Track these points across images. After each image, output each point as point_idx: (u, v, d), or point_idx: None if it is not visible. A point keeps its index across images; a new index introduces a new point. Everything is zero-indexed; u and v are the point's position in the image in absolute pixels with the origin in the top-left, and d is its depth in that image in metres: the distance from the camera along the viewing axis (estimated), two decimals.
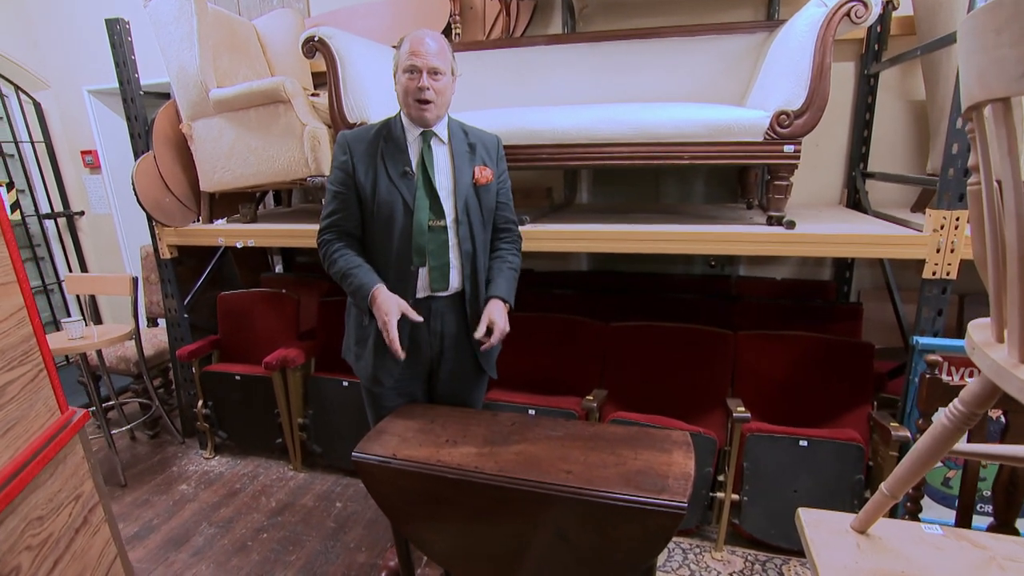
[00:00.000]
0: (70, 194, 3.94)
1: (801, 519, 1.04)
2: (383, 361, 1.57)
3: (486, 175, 1.56)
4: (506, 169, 1.69)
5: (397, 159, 1.51)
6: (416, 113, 1.47)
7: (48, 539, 0.87)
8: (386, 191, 1.49)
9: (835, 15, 1.66)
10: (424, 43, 1.42)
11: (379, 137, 1.53)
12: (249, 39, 2.69)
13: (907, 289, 2.27)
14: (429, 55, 1.42)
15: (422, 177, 1.51)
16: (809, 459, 1.88)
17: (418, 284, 1.53)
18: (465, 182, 1.53)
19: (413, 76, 1.43)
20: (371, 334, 1.57)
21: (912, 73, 2.37)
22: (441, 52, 1.44)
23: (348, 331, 1.67)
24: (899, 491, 0.91)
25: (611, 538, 1.22)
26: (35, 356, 0.90)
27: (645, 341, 2.24)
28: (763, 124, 1.78)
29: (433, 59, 1.42)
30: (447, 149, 1.55)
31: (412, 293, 1.53)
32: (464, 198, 1.53)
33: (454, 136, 1.56)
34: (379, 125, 1.56)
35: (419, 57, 1.41)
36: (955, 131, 1.58)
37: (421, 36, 1.43)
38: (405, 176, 1.50)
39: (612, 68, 2.43)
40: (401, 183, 1.50)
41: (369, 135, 1.54)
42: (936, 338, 1.72)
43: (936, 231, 1.67)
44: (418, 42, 1.42)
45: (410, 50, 1.42)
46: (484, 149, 1.60)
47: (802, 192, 2.54)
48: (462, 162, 1.54)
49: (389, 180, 1.49)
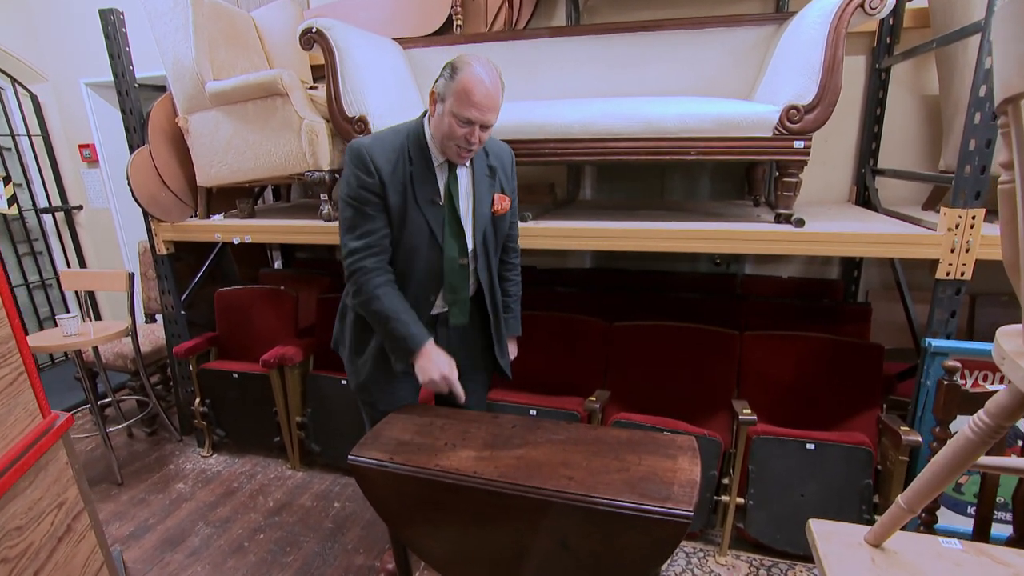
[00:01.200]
0: (68, 188, 3.90)
1: (812, 530, 1.00)
2: (377, 376, 1.54)
3: (504, 205, 1.49)
4: (516, 187, 1.61)
5: (427, 186, 1.40)
6: (454, 158, 1.38)
7: (27, 550, 0.84)
8: (414, 219, 1.40)
9: (848, 6, 1.60)
10: (489, 97, 1.28)
11: (404, 155, 1.39)
12: (247, 31, 2.64)
13: (917, 289, 2.22)
14: (487, 110, 1.29)
15: (449, 210, 1.43)
16: (816, 463, 1.84)
17: (433, 308, 1.52)
18: (484, 212, 1.47)
19: (464, 126, 1.30)
20: (370, 348, 1.53)
21: (925, 67, 2.31)
22: (497, 102, 1.32)
23: (342, 331, 1.61)
24: (918, 505, 0.86)
25: (614, 547, 1.18)
26: (14, 358, 0.86)
27: (649, 341, 2.20)
28: (772, 119, 1.73)
29: (489, 115, 1.30)
30: (469, 174, 1.47)
31: (427, 315, 1.50)
32: (483, 230, 1.47)
33: (476, 158, 1.47)
34: (400, 137, 1.41)
35: (477, 110, 1.28)
36: (973, 126, 1.52)
37: (483, 84, 1.27)
38: (433, 205, 1.41)
39: (617, 61, 2.37)
40: (429, 212, 1.41)
41: (392, 152, 1.38)
42: (949, 340, 1.67)
43: (951, 230, 1.62)
44: (482, 93, 1.27)
45: (467, 98, 1.26)
46: (503, 171, 1.52)
47: (810, 189, 2.48)
48: (482, 188, 1.47)
49: (417, 208, 1.40)
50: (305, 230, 2.29)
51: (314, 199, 3.32)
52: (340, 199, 1.42)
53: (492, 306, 1.57)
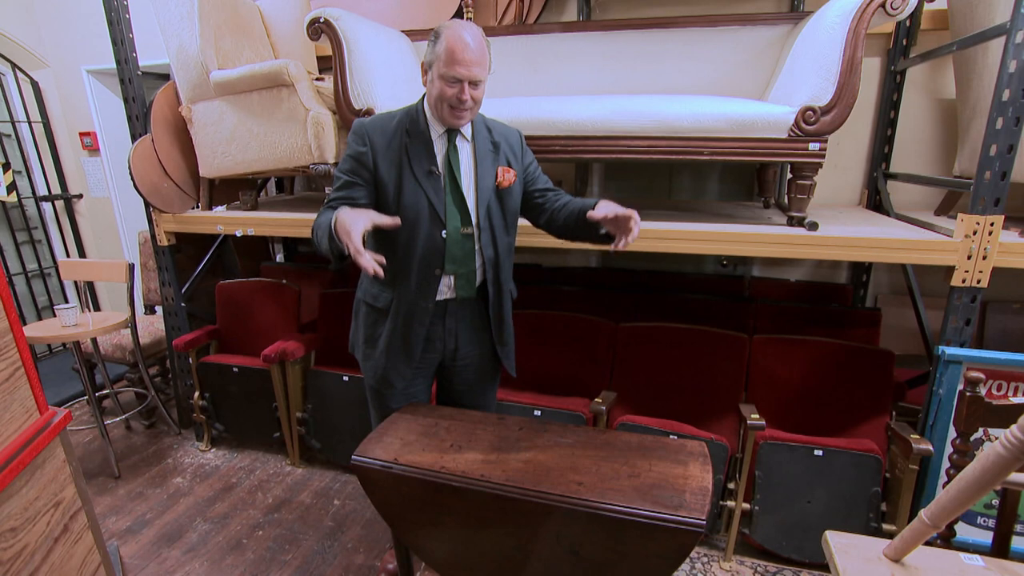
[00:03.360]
0: (68, 176, 3.86)
1: (829, 543, 0.97)
2: (394, 363, 1.51)
3: (508, 177, 1.47)
4: (533, 158, 1.59)
5: (423, 157, 1.41)
6: (450, 120, 1.38)
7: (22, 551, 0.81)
8: (411, 192, 1.40)
9: (869, 6, 1.57)
10: (468, 49, 1.28)
11: (400, 130, 1.42)
12: (253, 20, 2.59)
13: (929, 295, 2.19)
14: (472, 64, 1.29)
15: (449, 180, 1.42)
16: (824, 469, 1.81)
17: (440, 287, 1.47)
18: (487, 185, 1.45)
19: (453, 85, 1.31)
20: (382, 334, 1.51)
21: (941, 70, 2.28)
22: (483, 57, 1.32)
23: (356, 328, 1.60)
24: (942, 521, 0.84)
25: (623, 555, 1.16)
26: (11, 353, 0.83)
27: (656, 342, 2.17)
28: (788, 120, 1.70)
29: (476, 69, 1.30)
30: (471, 147, 1.46)
31: (434, 296, 1.47)
32: (487, 203, 1.45)
33: (478, 133, 1.47)
34: (399, 115, 1.45)
35: (462, 66, 1.29)
36: (994, 131, 1.49)
37: (464, 40, 1.28)
38: (431, 175, 1.41)
39: (628, 58, 2.34)
40: (427, 183, 1.41)
41: (389, 127, 1.43)
42: (964, 348, 1.65)
43: (968, 236, 1.59)
44: (461, 48, 1.28)
45: (451, 56, 1.28)
46: (508, 147, 1.51)
47: (820, 192, 2.43)
48: (485, 163, 1.46)
49: (415, 179, 1.40)
50: (309, 223, 2.24)
51: (319, 192, 3.29)
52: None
53: (495, 279, 1.52)
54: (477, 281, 1.51)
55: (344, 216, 1.21)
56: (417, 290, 1.45)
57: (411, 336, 1.49)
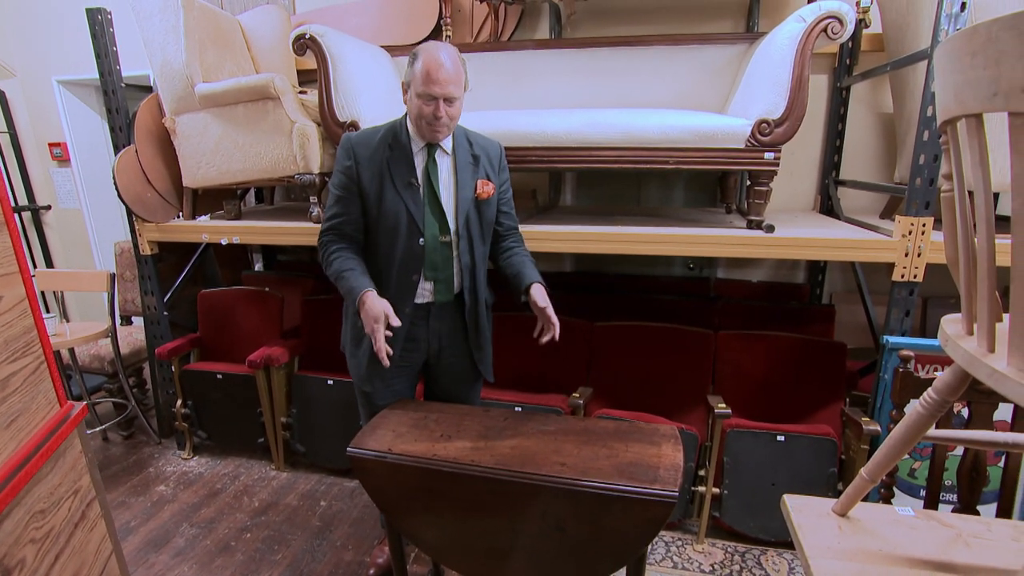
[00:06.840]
0: (36, 187, 3.80)
1: (787, 504, 1.10)
2: (375, 362, 1.58)
3: (487, 190, 1.57)
4: (508, 179, 1.70)
5: (403, 169, 1.51)
6: (429, 135, 1.47)
7: (50, 533, 0.86)
8: (391, 201, 1.50)
9: (813, 30, 1.74)
10: (442, 69, 1.37)
11: (384, 144, 1.52)
12: (234, 34, 2.65)
13: (875, 293, 2.38)
14: (447, 83, 1.38)
15: (428, 191, 1.52)
16: (786, 453, 1.96)
17: (418, 290, 1.57)
18: (466, 196, 1.55)
19: (429, 103, 1.40)
20: (367, 339, 1.58)
21: (881, 87, 2.50)
22: (457, 76, 1.41)
23: (345, 328, 1.68)
24: (877, 475, 0.97)
25: (604, 528, 1.26)
26: (36, 348, 0.89)
27: (629, 340, 2.30)
28: (745, 132, 1.86)
29: (450, 87, 1.39)
30: (451, 161, 1.56)
31: (412, 300, 1.56)
32: (465, 213, 1.55)
33: (459, 147, 1.56)
34: (383, 130, 1.55)
35: (437, 85, 1.37)
36: (922, 143, 1.68)
37: (439, 61, 1.37)
38: (410, 187, 1.51)
39: (599, 73, 2.49)
40: (406, 193, 1.50)
41: (374, 141, 1.52)
42: (905, 337, 1.82)
43: (905, 236, 1.77)
44: (436, 68, 1.36)
45: (427, 76, 1.37)
46: (488, 160, 1.60)
47: (777, 198, 2.64)
48: (465, 175, 1.55)
49: (395, 189, 1.50)
50: (294, 232, 2.32)
51: (298, 202, 3.33)
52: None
53: (472, 285, 1.61)
54: (456, 287, 1.61)
55: (370, 306, 1.43)
56: (396, 294, 1.54)
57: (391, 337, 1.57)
